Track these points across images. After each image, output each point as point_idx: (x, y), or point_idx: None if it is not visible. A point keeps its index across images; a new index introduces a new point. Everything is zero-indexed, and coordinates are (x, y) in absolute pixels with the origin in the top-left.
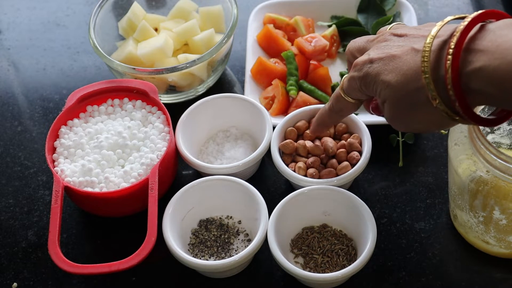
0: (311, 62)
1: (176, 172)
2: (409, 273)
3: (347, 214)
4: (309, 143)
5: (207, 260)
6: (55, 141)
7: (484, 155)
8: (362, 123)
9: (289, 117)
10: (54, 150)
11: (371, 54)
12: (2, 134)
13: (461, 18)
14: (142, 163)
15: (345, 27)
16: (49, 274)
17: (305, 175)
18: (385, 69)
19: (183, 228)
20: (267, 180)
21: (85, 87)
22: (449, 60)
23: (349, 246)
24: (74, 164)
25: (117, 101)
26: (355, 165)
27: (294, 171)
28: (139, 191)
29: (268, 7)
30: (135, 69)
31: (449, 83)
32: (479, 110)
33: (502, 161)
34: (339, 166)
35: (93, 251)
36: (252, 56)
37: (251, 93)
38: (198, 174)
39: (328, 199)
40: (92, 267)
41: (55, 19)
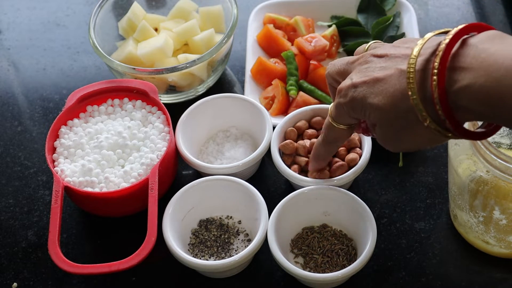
0: (311, 62)
1: (176, 172)
2: (409, 273)
3: (347, 214)
4: (309, 143)
5: (207, 260)
6: (55, 141)
7: (484, 155)
8: None
9: (289, 117)
10: (54, 150)
11: (354, 78)
12: (2, 134)
13: (442, 33)
14: (142, 163)
15: (345, 27)
16: (49, 274)
17: (305, 175)
18: (371, 93)
19: (183, 228)
20: (267, 180)
21: (85, 87)
22: (434, 81)
23: (349, 246)
24: (74, 164)
25: (117, 101)
26: (355, 165)
27: (295, 171)
28: (139, 191)
29: (268, 7)
30: (135, 69)
31: (437, 103)
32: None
33: (502, 161)
34: (334, 166)
35: (93, 251)
36: (252, 56)
37: (251, 93)
38: (198, 174)
39: (328, 199)
40: (92, 267)
41: (55, 19)
